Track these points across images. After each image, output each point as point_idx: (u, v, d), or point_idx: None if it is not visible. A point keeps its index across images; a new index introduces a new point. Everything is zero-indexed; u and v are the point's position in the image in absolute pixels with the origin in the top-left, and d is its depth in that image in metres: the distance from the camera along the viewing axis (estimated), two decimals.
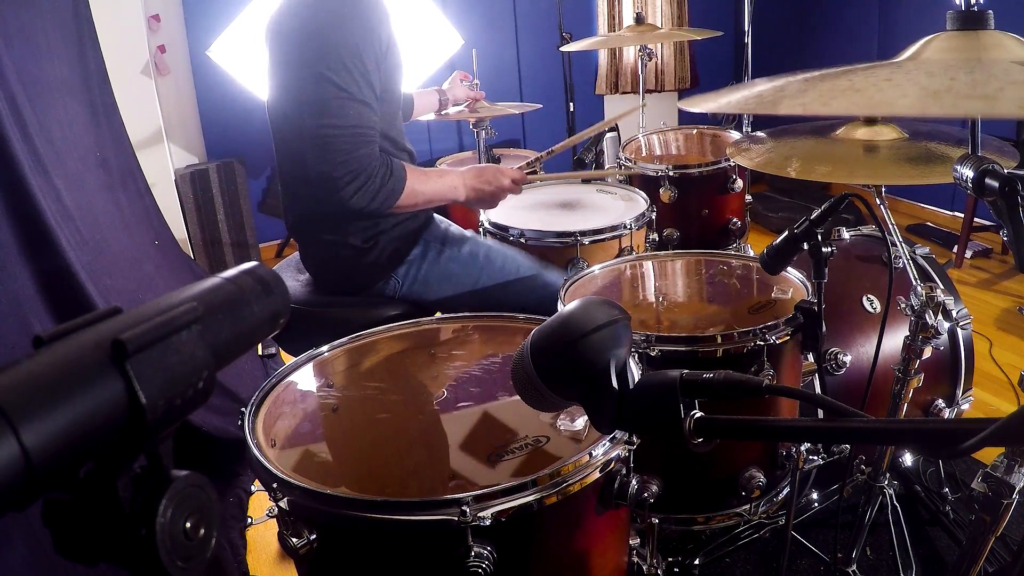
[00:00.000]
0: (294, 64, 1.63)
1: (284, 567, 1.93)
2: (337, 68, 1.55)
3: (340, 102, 1.56)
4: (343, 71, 1.55)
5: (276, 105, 1.74)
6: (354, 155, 1.57)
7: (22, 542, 1.36)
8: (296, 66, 1.62)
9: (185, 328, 0.46)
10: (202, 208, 3.80)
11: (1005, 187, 0.84)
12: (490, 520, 0.90)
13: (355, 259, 1.76)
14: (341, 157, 1.56)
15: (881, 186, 1.54)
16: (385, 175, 1.63)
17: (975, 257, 3.63)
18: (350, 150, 1.57)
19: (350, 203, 1.59)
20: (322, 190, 1.59)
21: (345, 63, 1.55)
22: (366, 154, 1.60)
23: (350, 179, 1.57)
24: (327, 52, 1.56)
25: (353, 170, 1.57)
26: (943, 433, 0.55)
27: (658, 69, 4.99)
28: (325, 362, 1.38)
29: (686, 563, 1.73)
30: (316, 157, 1.56)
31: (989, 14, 1.14)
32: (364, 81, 1.58)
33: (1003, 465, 0.96)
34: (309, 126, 1.57)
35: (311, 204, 1.75)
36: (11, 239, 1.68)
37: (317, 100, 1.56)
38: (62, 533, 0.43)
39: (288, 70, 1.66)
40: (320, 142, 1.56)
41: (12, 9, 1.96)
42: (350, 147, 1.57)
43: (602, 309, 0.73)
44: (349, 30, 1.57)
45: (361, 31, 1.58)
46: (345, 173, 1.57)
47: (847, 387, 1.72)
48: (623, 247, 2.09)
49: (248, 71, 3.61)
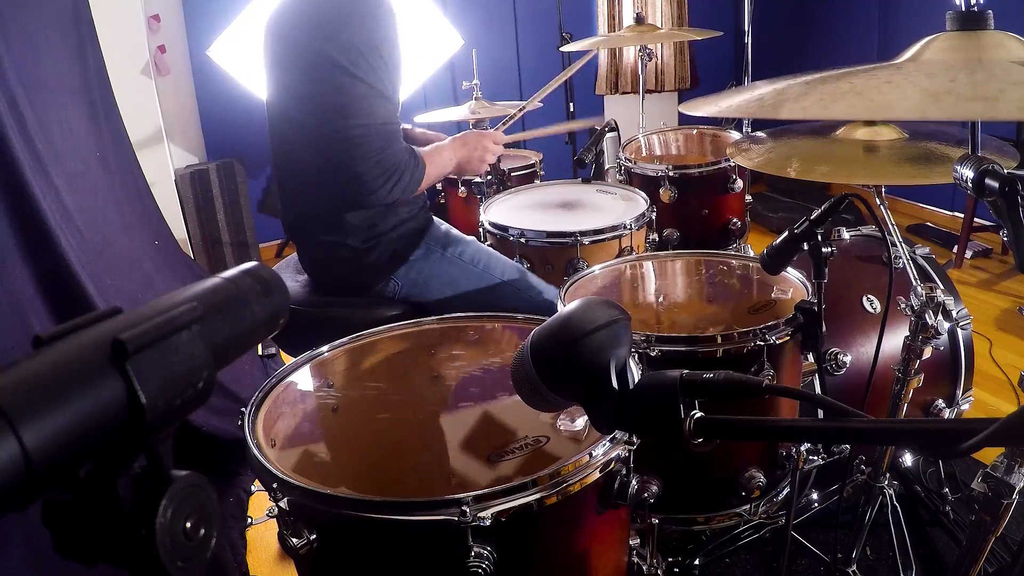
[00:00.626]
0: (301, 63, 1.61)
1: (284, 567, 1.93)
2: (358, 63, 1.53)
3: (367, 101, 1.54)
4: (364, 66, 1.53)
5: (277, 105, 1.73)
6: (386, 153, 1.57)
7: (22, 542, 1.36)
8: (303, 66, 1.60)
9: (185, 328, 0.46)
10: (202, 208, 3.80)
11: (1005, 187, 0.84)
12: (490, 520, 0.90)
13: (355, 260, 1.76)
14: (375, 156, 1.55)
15: (881, 186, 1.54)
16: (412, 167, 1.64)
17: (975, 257, 3.63)
18: (382, 148, 1.56)
19: (386, 200, 1.61)
20: (350, 190, 1.60)
21: (365, 56, 1.53)
22: (396, 151, 1.60)
23: (385, 179, 1.57)
24: (343, 48, 1.53)
25: (388, 169, 1.57)
26: (943, 433, 0.54)
27: (658, 69, 4.99)
28: (325, 362, 1.38)
29: (686, 563, 1.73)
30: (348, 159, 1.55)
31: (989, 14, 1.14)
32: (385, 74, 1.57)
33: (1003, 465, 0.96)
34: (335, 127, 1.55)
35: (309, 205, 1.75)
36: (11, 239, 1.68)
37: (341, 99, 1.54)
38: (62, 533, 0.43)
39: (294, 69, 1.64)
40: (350, 144, 1.54)
41: (12, 9, 1.96)
42: (382, 145, 1.56)
43: (602, 309, 0.73)
44: (363, 24, 1.55)
45: (373, 24, 1.56)
46: (380, 173, 1.57)
47: (847, 387, 1.72)
48: (623, 247, 2.09)
49: (248, 71, 3.61)
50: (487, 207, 2.37)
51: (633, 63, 4.87)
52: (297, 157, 1.72)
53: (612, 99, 5.06)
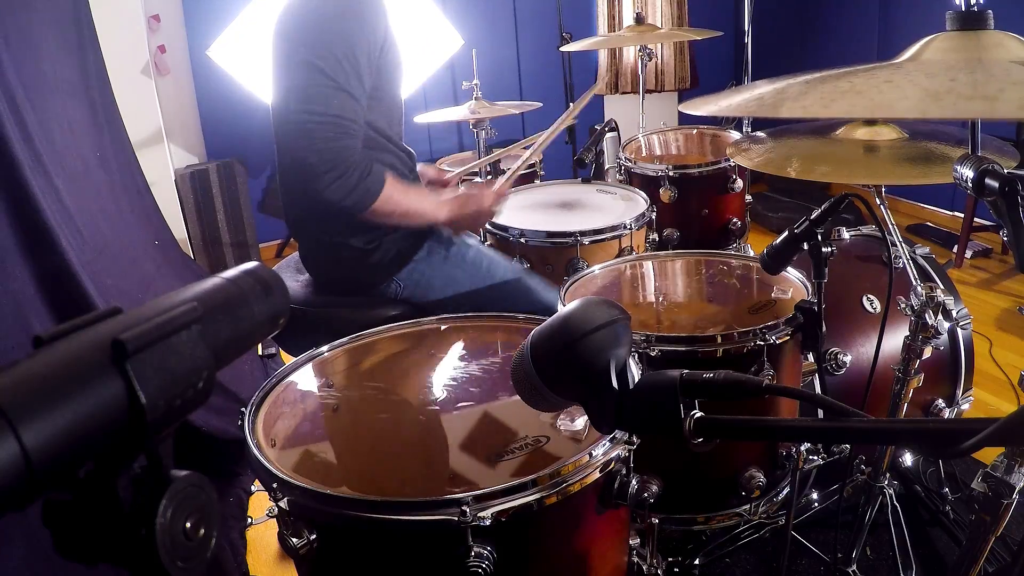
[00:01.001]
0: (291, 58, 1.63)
1: (284, 567, 1.93)
2: (326, 57, 1.54)
3: (325, 90, 1.55)
4: (332, 61, 1.54)
5: (278, 105, 1.73)
6: (333, 144, 1.55)
7: (22, 542, 1.36)
8: (291, 59, 1.62)
9: (185, 328, 0.46)
10: (202, 208, 3.80)
11: (1005, 187, 0.84)
12: (490, 520, 0.90)
13: (357, 260, 1.76)
14: (320, 145, 1.54)
15: (881, 186, 1.54)
16: (363, 172, 1.60)
17: (975, 257, 3.63)
18: (331, 139, 1.55)
19: (325, 193, 1.56)
20: (300, 179, 1.58)
21: (335, 53, 1.55)
22: (346, 146, 1.57)
23: (327, 168, 1.54)
24: (319, 43, 1.56)
25: (330, 160, 1.55)
26: (943, 433, 0.54)
27: (658, 69, 4.99)
28: (325, 362, 1.38)
29: (686, 563, 1.73)
30: (296, 144, 1.55)
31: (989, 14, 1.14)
32: (353, 74, 1.57)
33: (1003, 465, 0.96)
34: (292, 111, 1.56)
35: (311, 204, 1.75)
36: (11, 239, 1.68)
37: (302, 86, 1.55)
38: (62, 533, 0.43)
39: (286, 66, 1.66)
40: (301, 128, 1.54)
41: (12, 9, 1.96)
42: (331, 136, 1.55)
43: (602, 309, 0.73)
44: (344, 24, 1.57)
45: (357, 26, 1.58)
46: (322, 161, 1.54)
47: (847, 387, 1.72)
48: (623, 247, 2.09)
49: (248, 71, 3.61)
50: None
51: (633, 63, 4.87)
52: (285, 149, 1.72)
53: (612, 99, 5.07)
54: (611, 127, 2.71)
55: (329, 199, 1.58)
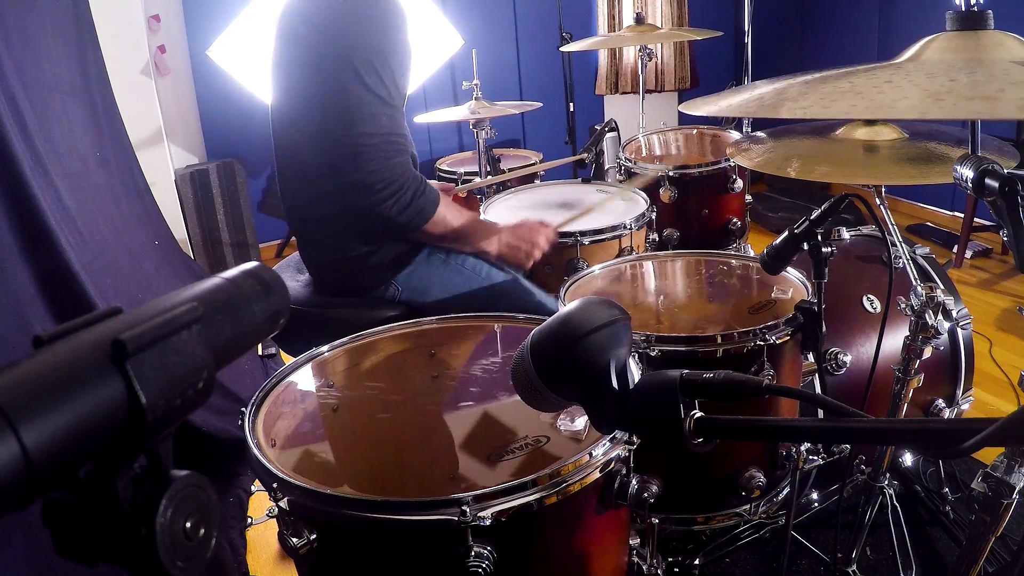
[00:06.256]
0: (311, 64, 1.60)
1: (284, 567, 1.93)
2: (368, 70, 1.52)
3: (372, 108, 1.53)
4: (373, 74, 1.52)
5: (282, 107, 1.72)
6: (387, 164, 1.56)
7: (22, 542, 1.36)
8: (314, 68, 1.59)
9: (185, 328, 0.46)
10: (202, 208, 3.80)
11: (1005, 187, 0.84)
12: (490, 520, 0.90)
13: (356, 262, 1.75)
14: (374, 165, 1.54)
15: (881, 186, 1.54)
16: (418, 191, 1.61)
17: (975, 257, 3.63)
18: (384, 158, 1.55)
19: (380, 209, 1.58)
20: (356, 197, 1.58)
21: (374, 65, 1.52)
22: (399, 163, 1.58)
23: (383, 186, 1.56)
24: (354, 53, 1.52)
25: (386, 179, 1.56)
26: (943, 433, 0.54)
27: (658, 69, 4.99)
28: (325, 362, 1.38)
29: (686, 563, 1.73)
30: (349, 166, 1.55)
31: (989, 14, 1.14)
32: (392, 84, 1.56)
33: (1003, 465, 0.96)
34: (338, 133, 1.54)
35: (312, 205, 1.75)
36: (11, 239, 1.68)
37: (346, 106, 1.53)
38: (62, 533, 0.43)
39: (304, 72, 1.63)
40: (353, 151, 1.54)
41: (12, 9, 1.96)
42: (384, 155, 1.55)
43: (602, 309, 0.73)
44: (374, 30, 1.54)
45: (386, 31, 1.55)
46: (378, 181, 1.55)
47: (847, 387, 1.72)
48: (623, 247, 2.09)
49: (248, 71, 3.61)
50: (487, 207, 2.37)
51: (633, 63, 4.87)
52: (300, 158, 1.71)
53: (612, 99, 5.07)
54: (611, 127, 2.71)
55: (385, 215, 1.59)
